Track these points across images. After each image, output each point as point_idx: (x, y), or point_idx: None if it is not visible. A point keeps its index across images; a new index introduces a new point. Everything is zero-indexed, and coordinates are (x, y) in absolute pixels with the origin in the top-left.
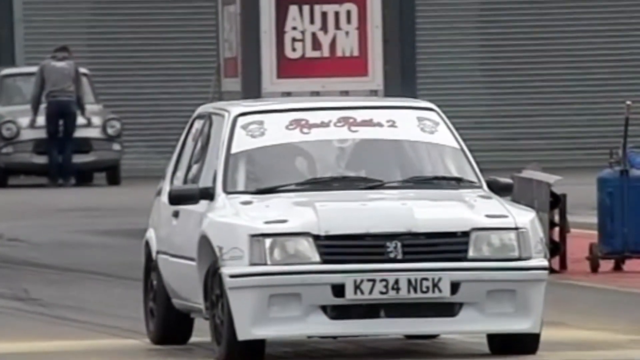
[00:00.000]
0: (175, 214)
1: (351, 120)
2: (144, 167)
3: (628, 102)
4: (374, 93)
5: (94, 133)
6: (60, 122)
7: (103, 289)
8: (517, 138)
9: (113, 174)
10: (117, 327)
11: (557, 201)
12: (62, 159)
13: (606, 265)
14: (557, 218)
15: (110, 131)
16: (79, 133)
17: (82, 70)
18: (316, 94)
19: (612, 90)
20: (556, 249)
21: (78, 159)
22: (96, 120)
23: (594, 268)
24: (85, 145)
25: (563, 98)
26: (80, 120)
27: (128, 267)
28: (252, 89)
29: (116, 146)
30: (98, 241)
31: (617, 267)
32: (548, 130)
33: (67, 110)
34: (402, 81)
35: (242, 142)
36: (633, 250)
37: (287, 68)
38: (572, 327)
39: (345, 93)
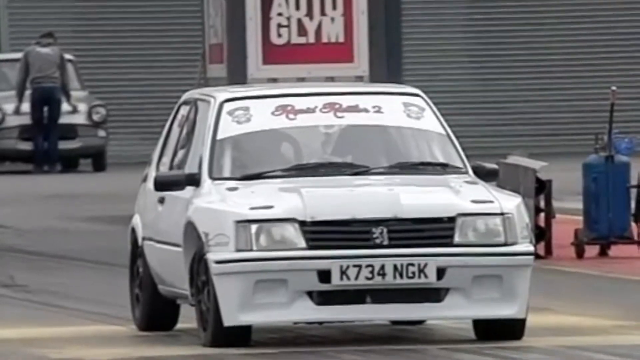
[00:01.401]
0: (161, 200)
1: (337, 106)
2: (130, 154)
3: (613, 88)
4: (359, 79)
5: (79, 119)
6: (45, 108)
7: (89, 276)
8: (503, 124)
9: (99, 160)
10: (102, 314)
11: (542, 187)
12: (47, 146)
13: (591, 250)
14: (542, 204)
15: (95, 117)
16: (65, 119)
17: (67, 56)
18: (302, 80)
19: (598, 77)
20: (541, 234)
21: (63, 145)
22: (82, 107)
23: (580, 254)
24: (70, 131)
25: (548, 84)
26: (65, 106)
27: (114, 253)
28: (237, 75)
29: (102, 132)
30: (84, 227)
31: (603, 253)
32: (534, 117)
33: (52, 96)
34: (387, 67)
35: (228, 128)
36: (618, 236)
37: (273, 54)
38: (557, 312)
39: (330, 79)
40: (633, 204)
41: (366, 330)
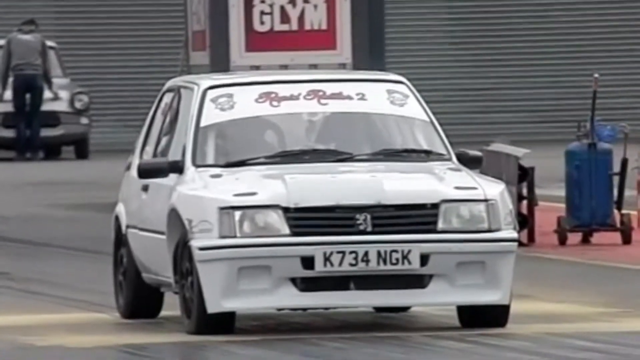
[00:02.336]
0: (145, 188)
1: (321, 93)
2: (112, 141)
3: (596, 75)
4: (342, 66)
5: (61, 106)
6: (27, 95)
7: (71, 263)
8: (486, 111)
9: (81, 148)
10: (85, 301)
11: (525, 174)
12: (29, 133)
13: (574, 238)
14: (525, 191)
15: (78, 105)
16: (47, 107)
17: (50, 43)
18: (285, 67)
19: (580, 64)
20: (524, 222)
21: (46, 132)
22: (64, 94)
23: (562, 241)
24: (53, 118)
25: (531, 71)
26: (47, 94)
27: (96, 240)
28: (220, 63)
29: (84, 120)
30: (66, 215)
31: (585, 240)
32: (516, 104)
33: (34, 83)
34: (370, 54)
35: (212, 115)
36: (601, 223)
37: (256, 41)
38: (540, 300)
39: (314, 66)
40: (615, 192)
41: (349, 318)
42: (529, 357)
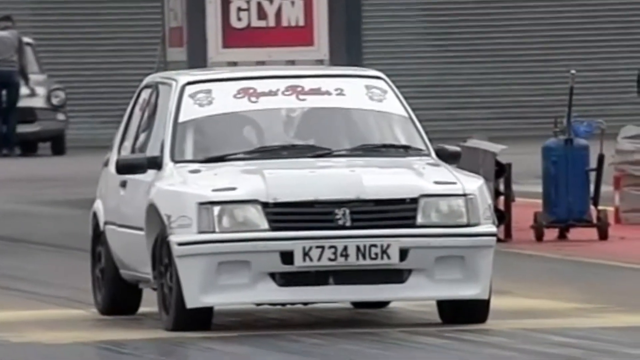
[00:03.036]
0: (123, 184)
1: (299, 89)
2: (89, 137)
3: (572, 72)
4: (319, 62)
5: (38, 103)
6: (4, 92)
7: (49, 259)
8: (463, 107)
9: (58, 144)
10: (63, 297)
11: (502, 170)
12: (6, 129)
13: (551, 233)
14: (502, 187)
15: (54, 101)
16: (24, 103)
17: (26, 39)
18: (262, 63)
19: (557, 60)
20: (501, 217)
21: (22, 129)
22: (40, 90)
23: (539, 237)
24: (29, 115)
25: (508, 68)
26: (24, 90)
27: (74, 237)
28: (197, 59)
29: (61, 116)
30: (43, 211)
31: (562, 236)
32: (493, 100)
33: (10, 80)
34: (347, 51)
35: (190, 111)
36: (577, 219)
37: (233, 38)
38: (517, 295)
39: (291, 62)
40: (592, 187)
41: (328, 314)
42: (507, 353)
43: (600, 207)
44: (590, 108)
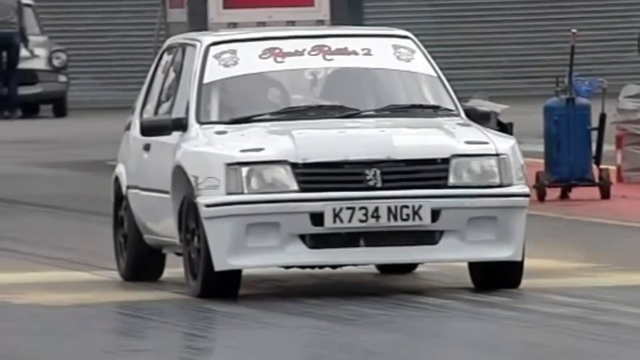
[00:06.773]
0: (147, 147)
1: (325, 49)
2: (91, 99)
3: (573, 30)
4: (320, 23)
5: (39, 65)
6: (4, 53)
7: (50, 221)
8: (464, 67)
9: (59, 106)
10: (64, 259)
11: (504, 130)
12: (7, 91)
13: (553, 193)
14: None
15: (55, 63)
16: (24, 65)
17: (26, 1)
18: (262, 24)
19: (558, 19)
20: None
21: (24, 90)
22: (41, 52)
23: (541, 196)
24: (30, 77)
25: (509, 27)
26: (24, 52)
27: (75, 198)
28: (198, 20)
29: (62, 78)
30: (44, 173)
31: (564, 195)
32: (494, 59)
33: (10, 42)
34: (349, 11)
35: (215, 72)
36: (579, 178)
37: None
38: None
39: (291, 23)
40: (594, 147)
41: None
42: (508, 312)
43: (602, 166)
44: (592, 67)
